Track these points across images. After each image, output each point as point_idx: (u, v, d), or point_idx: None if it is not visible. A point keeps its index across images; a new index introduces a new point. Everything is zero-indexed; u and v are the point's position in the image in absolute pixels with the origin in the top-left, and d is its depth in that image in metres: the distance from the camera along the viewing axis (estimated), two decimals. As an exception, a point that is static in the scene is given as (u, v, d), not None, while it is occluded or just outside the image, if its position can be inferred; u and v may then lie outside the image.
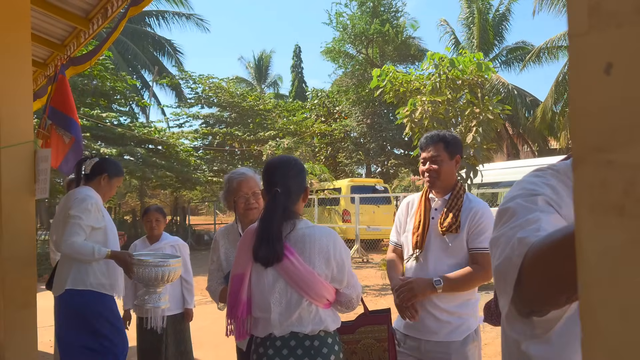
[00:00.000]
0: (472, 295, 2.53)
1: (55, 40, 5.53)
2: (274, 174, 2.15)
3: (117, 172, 3.47)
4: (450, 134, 2.65)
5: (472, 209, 2.50)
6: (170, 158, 16.62)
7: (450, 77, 8.75)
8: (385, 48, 23.62)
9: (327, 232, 2.12)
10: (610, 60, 0.46)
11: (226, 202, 2.80)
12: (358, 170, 25.93)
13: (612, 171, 0.46)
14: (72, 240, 3.10)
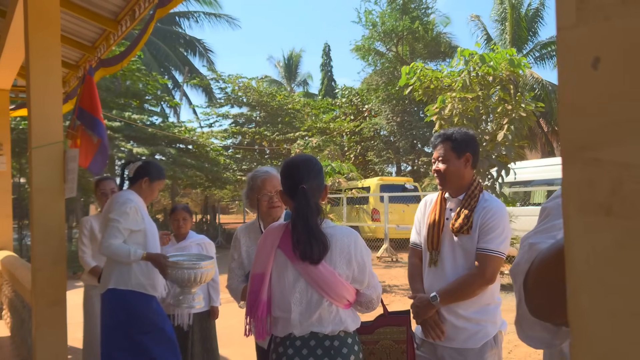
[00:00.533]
0: (491, 300, 2.45)
1: (86, 43, 5.65)
2: (298, 173, 2.14)
3: (159, 175, 3.50)
4: (459, 131, 2.58)
5: (484, 208, 2.43)
6: (201, 157, 16.81)
7: (481, 73, 8.61)
8: (415, 45, 23.42)
9: (348, 232, 2.10)
10: (597, 54, 0.44)
11: (248, 200, 2.81)
12: (388, 168, 25.78)
13: (600, 170, 0.44)
14: (110, 243, 3.19)
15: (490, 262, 2.35)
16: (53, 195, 3.63)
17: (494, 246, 2.36)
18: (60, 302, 3.58)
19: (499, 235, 2.37)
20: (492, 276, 2.37)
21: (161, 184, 3.53)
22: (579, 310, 0.46)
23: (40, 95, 3.65)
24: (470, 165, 2.53)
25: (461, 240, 2.44)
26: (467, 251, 2.42)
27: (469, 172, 2.53)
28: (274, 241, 2.10)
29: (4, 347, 5.66)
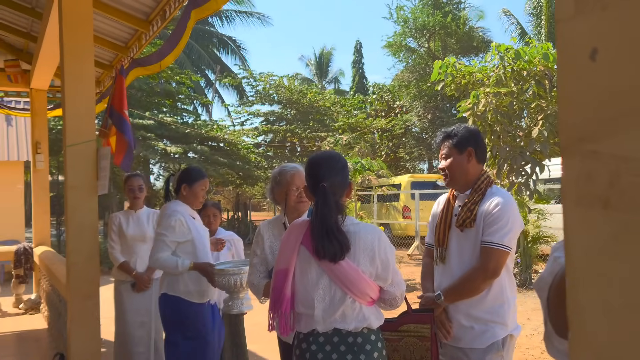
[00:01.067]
0: (501, 299, 2.37)
1: (119, 43, 5.78)
2: (320, 170, 2.14)
3: (195, 177, 3.53)
4: (459, 127, 2.56)
5: (490, 200, 2.38)
6: (232, 155, 16.98)
7: (516, 68, 8.44)
8: (448, 40, 23.14)
9: (371, 229, 2.10)
10: (595, 45, 0.43)
11: (274, 195, 2.82)
12: (420, 165, 25.56)
13: (598, 163, 0.43)
14: (157, 257, 3.33)
15: (493, 256, 2.30)
16: (86, 192, 3.72)
17: (497, 239, 2.30)
18: (93, 296, 3.66)
19: (503, 228, 2.31)
20: (496, 270, 2.31)
21: (202, 184, 3.53)
22: (577, 304, 0.45)
23: (74, 95, 3.74)
24: (475, 159, 2.49)
25: (466, 234, 2.41)
26: (473, 245, 2.38)
27: (474, 166, 2.48)
28: (298, 237, 2.10)
29: (41, 340, 5.85)
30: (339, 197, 2.12)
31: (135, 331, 4.17)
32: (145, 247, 4.30)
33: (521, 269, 8.75)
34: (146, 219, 4.38)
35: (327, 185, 2.07)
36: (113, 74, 6.38)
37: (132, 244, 4.27)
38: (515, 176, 8.65)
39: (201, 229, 3.52)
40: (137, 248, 4.29)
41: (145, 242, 4.31)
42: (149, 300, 4.26)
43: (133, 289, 4.22)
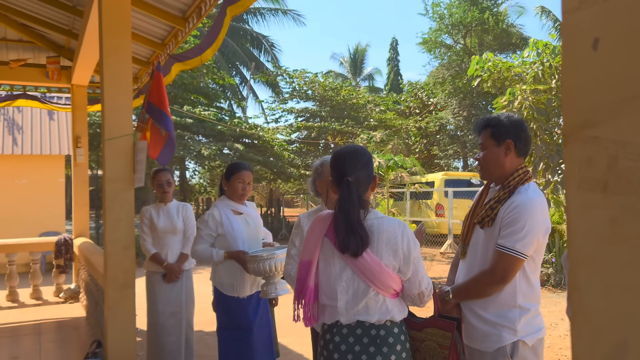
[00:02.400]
0: (513, 304, 2.25)
1: (156, 40, 5.91)
2: (344, 164, 2.14)
3: (232, 171, 3.65)
4: (501, 116, 2.39)
5: (512, 201, 2.24)
6: (266, 152, 17.14)
7: (555, 65, 8.29)
8: (485, 37, 22.79)
9: (395, 223, 2.09)
10: (597, 35, 0.45)
11: (315, 186, 2.86)
12: (454, 163, 25.28)
13: (597, 147, 0.44)
14: (195, 249, 3.58)
15: (502, 260, 2.19)
16: (123, 185, 3.83)
17: (510, 243, 2.18)
18: (129, 285, 3.78)
19: (517, 232, 2.17)
20: (504, 276, 2.20)
21: (238, 177, 3.62)
22: (577, 284, 0.47)
23: (113, 90, 3.85)
24: (514, 153, 2.33)
25: (486, 232, 2.31)
26: (489, 244, 2.28)
27: (511, 160, 2.33)
28: (322, 230, 2.13)
29: (80, 328, 6.05)
30: (362, 191, 2.12)
31: (166, 321, 4.28)
32: (175, 239, 4.42)
33: (556, 269, 8.58)
34: (176, 211, 4.47)
35: (351, 179, 2.08)
36: (150, 70, 6.53)
37: (162, 236, 4.37)
38: (551, 174, 8.50)
39: (239, 223, 3.61)
40: (167, 240, 4.39)
41: (176, 234, 4.43)
42: (180, 291, 4.37)
43: (164, 280, 4.33)
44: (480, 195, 2.53)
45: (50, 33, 6.77)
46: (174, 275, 4.33)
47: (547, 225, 2.29)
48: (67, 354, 5.15)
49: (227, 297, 3.54)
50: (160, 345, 4.26)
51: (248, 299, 3.56)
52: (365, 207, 2.09)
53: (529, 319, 2.30)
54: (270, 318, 3.69)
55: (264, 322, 3.61)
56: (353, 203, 2.05)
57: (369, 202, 2.18)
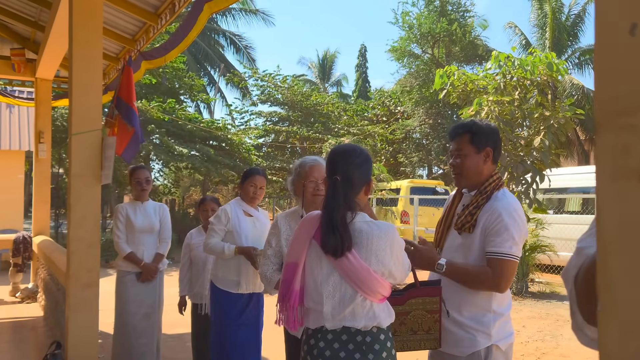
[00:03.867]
0: (488, 309, 2.25)
1: (126, 35, 5.78)
2: (336, 162, 2.10)
3: (245, 175, 3.78)
4: (480, 122, 2.37)
5: (492, 207, 2.24)
6: (233, 155, 16.96)
7: (517, 77, 8.48)
8: (452, 48, 23.17)
9: (385, 228, 2.04)
10: (635, 21, 0.44)
11: (294, 186, 2.84)
12: (419, 171, 25.58)
13: (634, 136, 0.44)
14: (206, 242, 3.66)
15: (506, 267, 2.19)
16: (90, 181, 3.72)
17: (506, 249, 2.18)
18: (93, 284, 3.67)
19: (510, 238, 2.19)
20: (507, 283, 2.21)
21: (250, 182, 3.72)
22: (608, 280, 0.46)
23: (82, 83, 3.75)
24: (491, 160, 2.34)
25: (464, 238, 2.30)
26: (468, 251, 2.27)
27: (488, 167, 2.34)
28: (310, 231, 2.07)
29: (38, 328, 5.84)
30: (354, 192, 2.07)
31: (139, 323, 4.16)
32: (151, 239, 4.32)
33: (518, 277, 8.76)
34: (153, 211, 4.38)
35: (340, 178, 2.03)
36: (119, 66, 6.38)
37: (139, 235, 4.26)
38: (515, 184, 8.68)
39: (247, 223, 3.69)
40: (143, 239, 4.28)
41: (152, 234, 4.33)
42: (154, 292, 4.26)
43: (138, 280, 4.21)
44: (453, 200, 2.53)
45: (14, 24, 6.56)
46: (151, 275, 4.23)
47: (526, 227, 2.33)
48: (23, 355, 4.97)
49: (221, 292, 3.56)
50: (131, 348, 4.12)
51: (239, 296, 3.56)
52: (352, 209, 2.03)
53: (502, 324, 2.31)
54: (260, 321, 3.65)
55: (252, 322, 3.58)
56: (337, 203, 2.00)
57: (363, 205, 2.12)
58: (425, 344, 2.27)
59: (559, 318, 7.43)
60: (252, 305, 3.59)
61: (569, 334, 6.55)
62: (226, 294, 3.53)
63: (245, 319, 3.55)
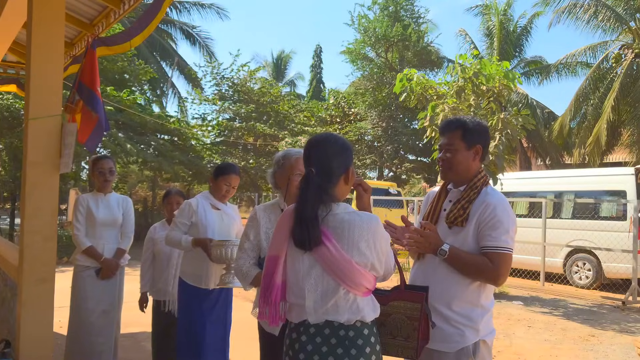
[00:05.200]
0: (477, 303, 2.27)
1: (84, 20, 5.50)
2: (311, 153, 2.03)
3: (219, 172, 3.70)
4: (473, 120, 2.40)
5: (485, 202, 2.26)
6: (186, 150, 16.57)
7: (476, 82, 8.67)
8: (405, 53, 23.53)
9: (367, 219, 1.97)
10: None
11: (275, 179, 2.74)
12: (370, 174, 25.84)
13: None
14: (167, 234, 3.66)
15: (504, 260, 2.21)
16: (48, 170, 3.50)
17: (503, 242, 2.21)
18: (49, 280, 3.44)
19: (506, 232, 2.22)
20: (505, 276, 2.23)
21: (225, 180, 3.66)
22: None
23: (41, 65, 3.52)
24: (480, 158, 2.38)
25: (454, 232, 2.30)
26: (460, 245, 2.27)
27: (476, 164, 2.37)
28: (290, 224, 1.99)
29: (-21, 327, 5.47)
30: (331, 184, 1.99)
31: (96, 320, 3.94)
32: (113, 233, 4.13)
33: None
34: (116, 204, 4.17)
35: (316, 170, 1.96)
36: (74, 52, 6.08)
37: (101, 228, 4.05)
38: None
39: (214, 216, 3.63)
40: (105, 233, 4.07)
41: (115, 228, 4.14)
42: (113, 288, 4.06)
43: (97, 276, 3.99)
44: (439, 196, 2.51)
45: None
46: (111, 271, 4.02)
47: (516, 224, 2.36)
48: (-36, 356, 4.62)
49: (189, 287, 3.46)
50: (88, 347, 3.90)
51: (207, 292, 3.42)
52: (325, 202, 1.95)
53: (488, 319, 2.33)
54: (228, 318, 3.53)
55: (220, 319, 3.45)
56: (307, 196, 1.93)
57: (343, 196, 2.05)
58: (403, 351, 2.21)
59: (510, 317, 7.63)
60: (221, 301, 3.48)
61: (521, 333, 6.73)
62: (195, 289, 3.41)
63: (215, 315, 3.43)
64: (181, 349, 3.43)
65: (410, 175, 25.68)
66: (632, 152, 16.59)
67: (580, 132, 19.06)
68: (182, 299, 3.54)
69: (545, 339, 6.49)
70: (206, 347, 3.37)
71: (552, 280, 11.22)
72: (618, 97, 16.50)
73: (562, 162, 22.12)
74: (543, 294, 9.87)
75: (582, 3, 17.87)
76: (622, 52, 17.88)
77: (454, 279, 2.28)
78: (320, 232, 1.90)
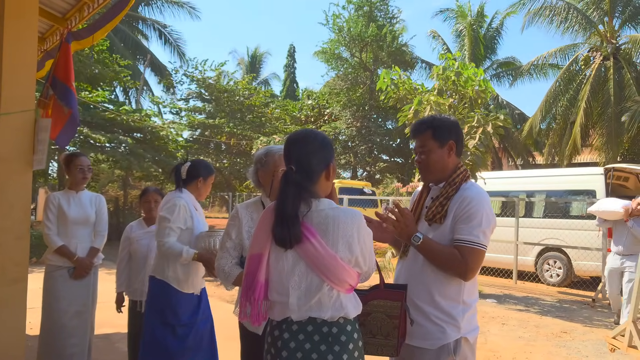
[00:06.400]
0: (457, 299, 2.25)
1: (56, 13, 5.35)
2: (290, 150, 2.01)
3: (209, 172, 3.58)
4: (439, 117, 2.40)
5: (462, 196, 2.25)
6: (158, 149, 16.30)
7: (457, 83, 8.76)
8: (379, 53, 23.64)
9: (351, 214, 1.96)
10: None
11: (257, 177, 2.69)
12: (343, 174, 25.89)
13: None
14: (165, 241, 3.24)
15: (473, 255, 2.18)
16: (20, 166, 3.38)
17: (474, 237, 2.18)
18: (21, 280, 3.33)
19: (478, 226, 2.19)
20: (473, 272, 2.21)
21: (212, 178, 3.61)
22: None
23: (13, 57, 3.40)
24: (455, 153, 2.38)
25: (434, 229, 2.30)
26: (439, 241, 2.25)
27: (453, 160, 2.37)
28: (272, 221, 1.96)
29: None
30: (312, 180, 1.97)
31: (69, 321, 3.83)
32: (86, 232, 4.02)
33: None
34: (89, 202, 4.06)
35: (296, 167, 1.94)
36: (45, 47, 5.92)
37: (72, 227, 3.94)
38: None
39: (202, 220, 3.48)
40: (77, 232, 3.96)
41: (87, 226, 4.03)
42: (87, 289, 3.95)
43: (70, 276, 3.88)
44: (421, 194, 2.52)
45: None
46: (85, 270, 3.92)
47: (495, 219, 2.34)
48: None
49: (177, 292, 3.28)
50: (60, 349, 3.79)
51: (194, 296, 3.36)
52: (306, 199, 1.92)
53: (470, 316, 2.32)
54: (210, 314, 3.45)
55: (206, 317, 3.38)
56: (287, 194, 1.91)
57: (325, 192, 2.03)
58: (383, 349, 2.21)
59: (484, 315, 7.71)
60: (204, 301, 3.42)
61: (496, 330, 6.81)
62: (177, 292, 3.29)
63: (203, 316, 3.36)
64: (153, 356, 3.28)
65: (384, 175, 25.83)
66: (600, 153, 16.97)
67: (549, 132, 19.45)
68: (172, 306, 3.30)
69: (520, 336, 6.58)
70: (197, 349, 3.28)
71: (523, 278, 11.41)
72: (589, 99, 16.88)
73: (533, 163, 22.53)
74: (516, 292, 10.02)
75: (553, 5, 18.23)
76: (590, 54, 18.29)
77: (436, 275, 2.28)
78: (300, 230, 1.89)
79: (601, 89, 17.27)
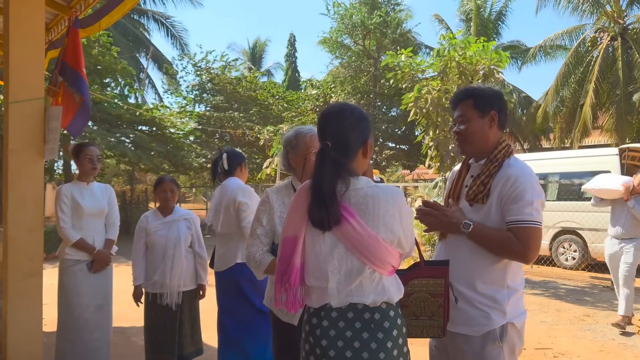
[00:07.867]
0: (502, 283, 2.12)
1: (61, 2, 5.21)
2: (326, 125, 1.88)
3: (244, 157, 3.81)
4: (483, 87, 2.29)
5: (506, 174, 2.12)
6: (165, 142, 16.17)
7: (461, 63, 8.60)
8: (383, 40, 23.39)
9: (392, 192, 1.83)
10: None
11: (288, 160, 2.55)
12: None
13: None
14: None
15: (531, 234, 2.05)
16: (31, 157, 3.28)
17: (527, 215, 2.05)
18: (36, 274, 3.24)
19: (530, 203, 2.06)
20: (534, 252, 2.06)
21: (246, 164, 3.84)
22: None
23: (21, 45, 3.30)
24: (497, 125, 2.24)
25: (475, 209, 2.17)
26: (485, 222, 2.14)
27: (494, 133, 2.24)
28: (308, 202, 1.83)
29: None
30: (349, 158, 1.85)
31: (92, 315, 3.73)
32: (101, 224, 3.94)
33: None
34: (100, 193, 3.96)
35: (332, 144, 1.82)
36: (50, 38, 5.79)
37: (88, 219, 3.83)
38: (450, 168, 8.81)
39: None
40: (93, 224, 3.86)
41: (102, 218, 3.94)
42: (106, 281, 3.86)
43: (89, 270, 3.77)
44: (460, 173, 2.38)
45: None
46: (106, 262, 3.83)
47: (544, 194, 2.21)
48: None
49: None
50: (84, 344, 3.68)
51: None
52: (343, 177, 1.80)
53: (516, 300, 2.19)
54: None
55: None
56: (324, 172, 1.78)
57: (362, 169, 1.89)
58: (428, 331, 2.11)
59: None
60: None
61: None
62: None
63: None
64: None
65: (390, 162, 25.69)
66: (612, 134, 16.74)
67: (558, 115, 19.20)
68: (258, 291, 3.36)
69: (542, 320, 6.46)
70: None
71: (538, 262, 11.27)
72: (599, 79, 16.64)
73: (540, 147, 22.30)
74: (532, 276, 9.88)
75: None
76: (597, 35, 18.02)
77: (478, 257, 2.16)
78: (339, 210, 1.77)
79: (610, 70, 17.01)
